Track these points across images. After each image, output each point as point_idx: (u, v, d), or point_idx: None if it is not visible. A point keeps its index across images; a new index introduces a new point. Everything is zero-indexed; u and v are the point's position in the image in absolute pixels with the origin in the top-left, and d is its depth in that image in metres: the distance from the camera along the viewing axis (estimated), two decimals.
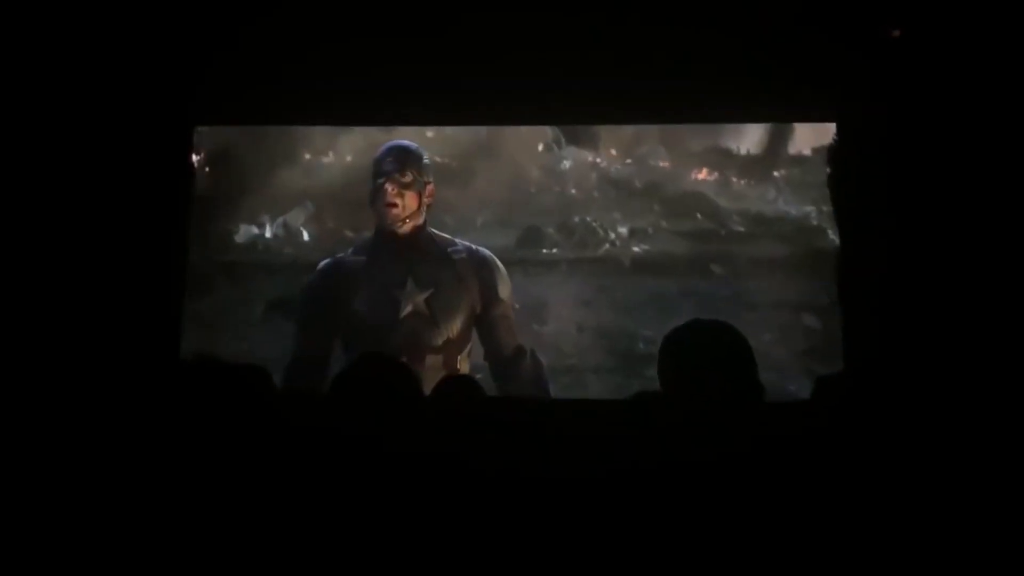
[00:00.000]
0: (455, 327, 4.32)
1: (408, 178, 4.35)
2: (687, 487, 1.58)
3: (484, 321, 4.38)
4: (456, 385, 2.67)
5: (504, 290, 4.39)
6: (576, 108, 4.47)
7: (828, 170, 4.30)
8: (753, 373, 1.75)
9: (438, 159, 4.58)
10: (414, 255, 4.37)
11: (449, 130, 4.79)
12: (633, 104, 4.39)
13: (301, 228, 4.83)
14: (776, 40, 4.11)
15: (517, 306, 4.44)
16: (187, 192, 4.47)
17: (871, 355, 3.77)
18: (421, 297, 4.32)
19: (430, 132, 4.74)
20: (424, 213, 4.40)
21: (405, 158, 4.39)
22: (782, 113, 4.57)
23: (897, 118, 3.98)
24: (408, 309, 4.31)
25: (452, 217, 4.61)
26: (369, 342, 4.09)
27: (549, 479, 1.75)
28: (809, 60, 4.11)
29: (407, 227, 4.37)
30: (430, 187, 4.42)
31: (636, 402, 1.91)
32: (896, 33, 4.03)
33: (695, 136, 4.82)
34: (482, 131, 4.80)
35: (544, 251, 4.72)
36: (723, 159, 4.81)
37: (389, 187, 4.33)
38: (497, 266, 4.42)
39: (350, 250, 4.48)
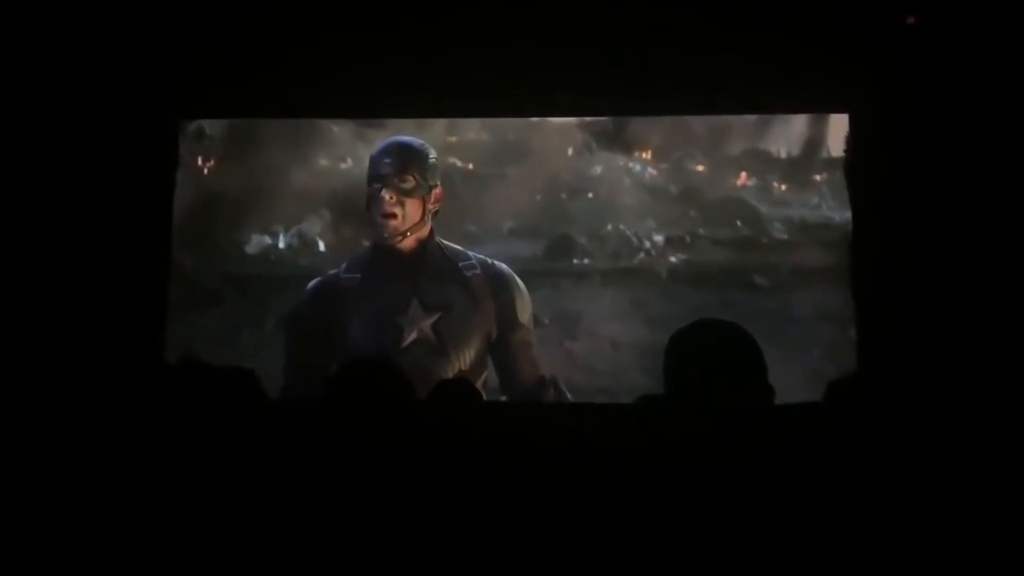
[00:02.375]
0: (468, 356, 3.89)
1: (409, 183, 3.87)
2: (692, 492, 1.52)
3: (501, 348, 3.93)
4: (452, 389, 2.55)
5: (524, 313, 3.95)
6: (586, 100, 4.25)
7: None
8: (762, 375, 1.68)
9: (459, 164, 4.32)
10: (419, 272, 3.93)
11: (473, 134, 4.58)
12: (645, 95, 4.19)
13: (317, 238, 4.53)
14: (788, 28, 3.98)
15: (547, 321, 4.17)
16: (170, 184, 4.26)
17: (885, 356, 3.73)
18: (427, 322, 3.87)
19: (452, 136, 4.50)
20: (430, 222, 3.96)
21: (406, 158, 3.91)
22: (794, 104, 4.42)
23: (911, 107, 3.98)
24: (412, 336, 3.87)
25: (477, 226, 4.37)
26: None
27: (549, 485, 1.67)
28: (821, 49, 3.98)
29: (410, 240, 3.92)
30: (436, 191, 3.94)
31: (640, 406, 1.83)
32: (911, 20, 3.90)
33: (733, 139, 4.66)
34: (508, 134, 4.58)
35: (575, 261, 4.45)
36: (763, 163, 4.64)
37: (386, 195, 3.86)
38: (517, 284, 3.98)
39: (343, 266, 4.07)
